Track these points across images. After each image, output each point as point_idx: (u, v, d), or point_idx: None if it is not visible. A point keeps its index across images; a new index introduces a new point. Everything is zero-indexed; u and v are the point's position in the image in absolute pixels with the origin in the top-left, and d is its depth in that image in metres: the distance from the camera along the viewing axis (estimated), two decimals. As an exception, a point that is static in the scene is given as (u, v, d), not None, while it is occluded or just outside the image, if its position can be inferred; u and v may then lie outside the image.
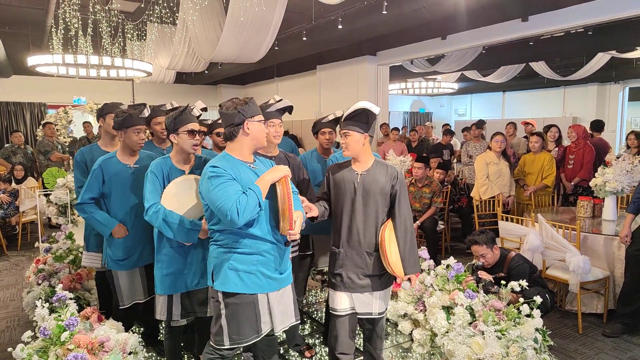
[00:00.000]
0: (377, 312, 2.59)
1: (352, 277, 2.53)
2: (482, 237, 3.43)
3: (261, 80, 13.44)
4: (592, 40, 7.84)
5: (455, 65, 9.51)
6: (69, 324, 2.43)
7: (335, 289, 2.58)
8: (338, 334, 2.60)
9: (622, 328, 3.55)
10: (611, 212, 4.34)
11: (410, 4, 5.80)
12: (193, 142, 2.54)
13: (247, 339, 2.20)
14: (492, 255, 3.43)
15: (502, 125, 7.93)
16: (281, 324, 2.30)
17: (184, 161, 2.60)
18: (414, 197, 5.31)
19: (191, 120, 2.55)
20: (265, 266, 2.21)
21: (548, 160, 5.36)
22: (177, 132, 2.53)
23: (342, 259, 2.54)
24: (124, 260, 2.91)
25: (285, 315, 2.32)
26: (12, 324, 3.91)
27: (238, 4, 5.79)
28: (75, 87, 11.70)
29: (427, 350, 3.12)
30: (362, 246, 2.52)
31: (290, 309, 2.35)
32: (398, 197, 2.51)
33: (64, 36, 6.97)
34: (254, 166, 2.26)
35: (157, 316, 2.62)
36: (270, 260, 2.22)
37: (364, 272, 2.53)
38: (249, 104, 2.20)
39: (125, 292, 2.93)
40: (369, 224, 2.51)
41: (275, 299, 2.26)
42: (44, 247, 4.37)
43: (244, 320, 2.19)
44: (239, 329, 2.18)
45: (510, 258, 3.45)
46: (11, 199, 6.24)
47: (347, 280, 2.54)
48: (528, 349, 2.63)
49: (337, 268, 2.56)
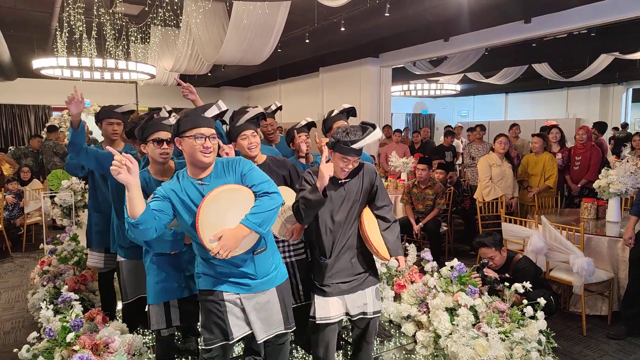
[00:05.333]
0: (371, 311, 2.56)
1: (343, 280, 2.51)
2: (490, 240, 3.43)
3: (264, 82, 13.48)
4: (595, 41, 7.84)
5: (458, 67, 9.52)
6: (74, 325, 2.45)
7: (326, 295, 2.50)
8: (329, 342, 2.55)
9: (626, 330, 3.54)
10: (615, 214, 4.33)
11: (412, 6, 5.82)
12: (160, 152, 2.44)
13: (217, 339, 2.17)
14: (500, 257, 3.44)
15: (505, 127, 7.92)
16: (263, 333, 2.21)
17: (161, 172, 2.51)
18: (417, 199, 5.31)
19: (158, 128, 2.44)
20: (227, 272, 2.15)
21: (549, 160, 5.35)
22: (145, 142, 2.45)
23: (331, 267, 2.50)
24: (128, 248, 2.91)
25: (268, 324, 2.23)
26: (17, 325, 3.93)
27: (242, 7, 5.82)
28: (79, 90, 11.74)
29: (430, 352, 3.11)
30: (349, 248, 2.51)
31: (277, 317, 2.25)
32: (379, 190, 2.54)
33: (69, 39, 7.02)
34: (202, 182, 2.09)
35: (153, 327, 2.56)
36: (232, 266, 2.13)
37: (352, 271, 2.52)
38: (181, 120, 2.08)
39: (129, 284, 2.92)
40: (352, 225, 2.51)
41: (250, 303, 2.18)
42: (48, 248, 4.39)
43: (212, 319, 2.17)
44: (210, 329, 2.17)
45: (517, 260, 3.46)
46: (16, 200, 6.28)
47: (339, 284, 2.50)
48: (532, 351, 2.62)
49: (326, 278, 2.50)
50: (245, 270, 2.15)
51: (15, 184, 6.40)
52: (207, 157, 2.04)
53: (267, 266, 2.22)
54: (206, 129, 2.05)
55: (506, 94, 15.53)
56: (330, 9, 6.16)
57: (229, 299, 2.16)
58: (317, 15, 7.06)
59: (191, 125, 2.03)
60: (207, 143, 2.03)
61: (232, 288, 2.16)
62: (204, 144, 2.02)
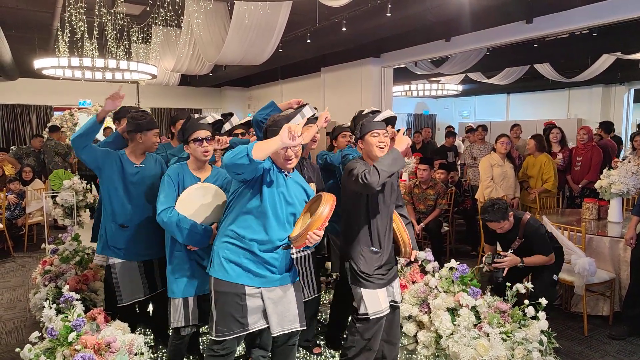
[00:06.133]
0: (399, 299, 2.75)
1: (389, 270, 2.65)
2: (496, 214, 3.35)
3: (265, 82, 13.48)
4: (597, 41, 7.81)
5: (460, 67, 9.50)
6: (76, 325, 2.45)
7: (377, 287, 2.55)
8: (375, 336, 2.57)
9: (628, 330, 3.54)
10: (616, 214, 4.33)
11: (414, 6, 5.81)
12: (201, 150, 2.57)
13: (232, 331, 2.19)
14: (508, 224, 3.40)
15: (506, 127, 7.91)
16: (279, 327, 2.26)
17: (199, 168, 2.66)
18: (418, 199, 5.31)
19: (198, 127, 2.58)
20: (254, 262, 2.21)
21: (545, 162, 5.33)
22: (187, 142, 2.61)
23: (381, 258, 2.59)
24: (124, 249, 2.90)
25: (284, 318, 2.27)
26: (19, 324, 3.94)
27: (243, 7, 5.83)
28: (80, 90, 11.79)
29: (431, 352, 3.11)
30: (391, 239, 2.67)
31: (293, 312, 2.31)
32: (398, 188, 2.76)
33: (70, 39, 7.03)
34: (288, 174, 2.32)
35: (173, 324, 2.57)
36: (261, 257, 2.21)
37: (393, 262, 2.70)
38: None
39: (124, 287, 2.90)
40: (391, 217, 2.67)
41: (270, 297, 2.24)
42: (50, 248, 4.39)
43: (229, 311, 2.19)
44: (225, 321, 2.19)
45: (525, 221, 3.40)
46: (18, 200, 6.29)
47: (386, 275, 2.62)
48: (533, 351, 2.62)
49: (377, 268, 2.56)
50: (270, 265, 2.24)
51: (17, 183, 6.42)
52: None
53: (287, 262, 2.35)
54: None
55: (508, 94, 15.50)
56: (332, 9, 6.16)
57: (250, 292, 2.21)
58: (319, 16, 7.06)
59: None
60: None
61: (254, 281, 2.21)
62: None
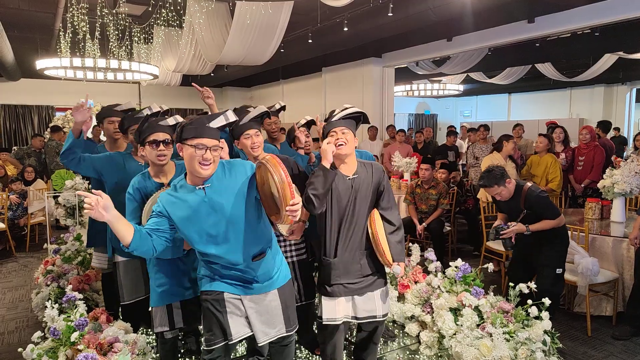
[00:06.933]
0: (381, 314, 2.55)
1: (351, 281, 2.49)
2: (489, 180, 3.26)
3: (267, 82, 13.49)
4: (598, 41, 7.80)
5: (461, 67, 9.49)
6: (78, 325, 2.45)
7: (333, 295, 2.49)
8: (336, 343, 2.55)
9: (631, 330, 3.52)
10: (619, 214, 4.31)
11: (415, 6, 5.81)
12: (157, 153, 2.41)
13: (218, 339, 2.17)
14: (507, 191, 3.33)
15: (508, 127, 7.90)
16: (265, 336, 2.20)
17: (160, 173, 2.49)
18: (420, 199, 5.30)
19: (155, 130, 2.41)
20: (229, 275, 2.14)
21: (551, 163, 5.33)
22: (143, 144, 2.43)
23: (338, 267, 2.48)
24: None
25: (269, 325, 2.21)
26: (21, 324, 3.94)
27: (244, 7, 5.84)
28: (82, 90, 11.74)
29: (434, 352, 3.11)
30: (356, 249, 2.49)
31: (278, 319, 2.22)
32: (386, 190, 2.53)
33: (72, 39, 7.04)
34: (203, 185, 2.02)
35: (156, 329, 2.54)
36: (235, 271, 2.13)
37: (361, 273, 2.50)
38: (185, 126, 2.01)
39: (126, 286, 2.89)
40: (360, 225, 2.49)
41: (251, 306, 2.17)
42: (52, 248, 4.40)
43: (213, 321, 2.17)
44: (211, 329, 2.18)
45: (527, 190, 3.34)
46: (20, 200, 6.29)
47: (346, 285, 2.48)
48: (537, 351, 2.61)
49: (333, 278, 2.48)
50: (246, 277, 2.14)
51: (19, 183, 6.43)
52: (205, 170, 1.97)
53: (269, 269, 2.20)
54: (208, 139, 1.96)
55: (509, 94, 15.50)
56: (333, 9, 6.16)
57: (230, 299, 2.16)
58: (320, 15, 7.07)
59: (194, 134, 1.95)
60: (207, 154, 1.95)
61: (234, 289, 2.16)
62: (203, 155, 1.95)
